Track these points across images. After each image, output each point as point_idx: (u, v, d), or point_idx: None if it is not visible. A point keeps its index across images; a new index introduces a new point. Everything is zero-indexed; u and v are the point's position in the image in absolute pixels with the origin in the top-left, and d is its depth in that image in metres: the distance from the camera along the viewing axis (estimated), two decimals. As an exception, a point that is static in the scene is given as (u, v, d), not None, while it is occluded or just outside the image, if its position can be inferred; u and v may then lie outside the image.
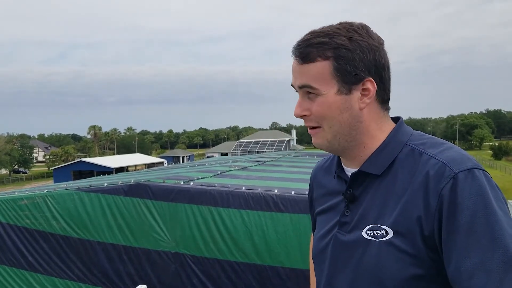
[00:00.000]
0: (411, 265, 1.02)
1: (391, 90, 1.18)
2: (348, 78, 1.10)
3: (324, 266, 1.22)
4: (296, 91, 1.18)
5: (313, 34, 1.12)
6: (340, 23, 1.13)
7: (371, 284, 1.08)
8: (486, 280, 0.92)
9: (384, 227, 1.06)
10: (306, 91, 1.14)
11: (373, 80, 1.11)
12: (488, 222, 0.95)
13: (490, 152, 71.90)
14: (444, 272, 1.00)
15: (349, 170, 1.20)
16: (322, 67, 1.10)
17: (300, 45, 1.12)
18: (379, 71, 1.12)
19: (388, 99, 1.18)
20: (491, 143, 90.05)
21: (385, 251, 1.05)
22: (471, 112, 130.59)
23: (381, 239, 1.06)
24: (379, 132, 1.17)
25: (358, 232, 1.12)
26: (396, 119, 1.22)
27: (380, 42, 1.14)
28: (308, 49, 1.11)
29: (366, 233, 1.10)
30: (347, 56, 1.09)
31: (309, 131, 1.18)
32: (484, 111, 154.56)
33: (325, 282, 1.21)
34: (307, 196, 1.50)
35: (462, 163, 1.01)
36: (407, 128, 1.19)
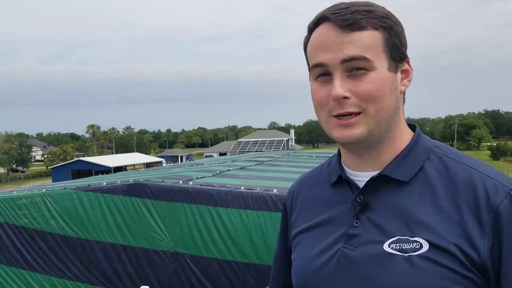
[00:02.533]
0: (452, 283, 0.87)
1: None
2: (396, 54, 0.96)
3: None
4: (324, 72, 0.97)
5: (350, 3, 0.96)
6: (378, 5, 0.98)
7: None
8: None
9: (416, 239, 0.90)
10: (352, 66, 0.93)
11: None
12: None
13: (488, 152, 72.03)
14: None
15: (358, 174, 1.04)
16: (374, 37, 0.93)
17: (342, 11, 0.94)
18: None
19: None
20: (489, 144, 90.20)
21: (420, 266, 0.88)
22: (469, 112, 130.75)
23: (413, 253, 0.89)
24: (405, 128, 1.03)
25: (376, 246, 0.94)
26: (410, 126, 1.08)
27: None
28: (355, 15, 0.93)
29: (389, 246, 0.92)
30: (396, 30, 0.96)
31: (344, 121, 0.95)
32: (482, 112, 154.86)
33: None
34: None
35: (509, 180, 0.92)
36: (427, 136, 1.06)
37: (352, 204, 1.00)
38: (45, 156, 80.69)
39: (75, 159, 56.75)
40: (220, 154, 56.44)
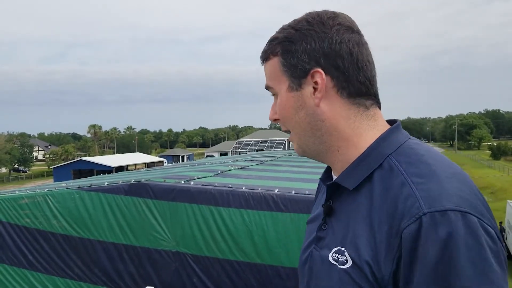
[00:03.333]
0: None
1: (369, 82, 0.99)
2: (294, 72, 0.99)
3: (303, 281, 1.11)
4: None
5: (276, 33, 1.05)
6: (309, 13, 1.02)
7: None
8: None
9: (346, 254, 0.93)
10: (271, 93, 1.07)
11: (322, 71, 0.96)
12: (448, 283, 0.77)
13: (489, 152, 71.82)
14: None
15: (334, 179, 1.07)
16: (273, 64, 1.03)
17: (265, 46, 1.06)
18: (333, 60, 0.96)
19: (363, 93, 0.99)
20: (489, 143, 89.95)
21: (343, 280, 0.92)
22: (469, 112, 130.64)
23: (342, 266, 0.93)
24: (354, 135, 1.00)
25: (326, 252, 0.99)
26: (392, 123, 1.05)
27: (336, 28, 0.97)
28: (265, 47, 1.05)
29: (331, 256, 0.96)
30: (290, 49, 0.99)
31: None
32: (482, 111, 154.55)
33: None
34: (312, 196, 1.40)
35: (439, 201, 0.81)
36: (399, 136, 1.00)
37: (323, 208, 1.05)
38: (47, 156, 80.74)
39: (77, 159, 56.74)
40: (221, 154, 56.40)
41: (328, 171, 1.12)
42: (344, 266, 0.92)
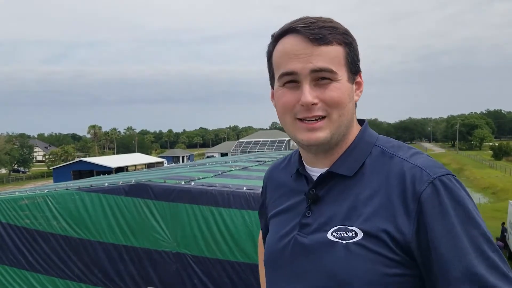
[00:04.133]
0: (382, 266, 0.99)
1: None
2: (353, 67, 1.08)
3: (280, 271, 1.14)
4: (291, 80, 1.06)
5: (316, 19, 1.05)
6: (320, 16, 1.08)
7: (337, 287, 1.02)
8: (471, 286, 0.94)
9: (353, 228, 1.02)
10: (319, 76, 1.03)
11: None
12: (471, 228, 0.96)
13: (490, 152, 71.83)
14: (416, 273, 1.01)
15: (312, 170, 1.15)
16: (338, 52, 1.05)
17: (311, 26, 1.03)
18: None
19: None
20: (491, 143, 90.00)
21: (355, 252, 1.01)
22: (471, 112, 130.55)
23: (349, 241, 1.02)
24: (354, 129, 1.15)
25: (322, 234, 1.06)
26: (360, 121, 1.19)
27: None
28: (323, 30, 1.03)
29: (331, 234, 1.04)
30: (354, 45, 1.08)
31: (310, 125, 1.05)
32: (484, 111, 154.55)
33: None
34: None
35: (437, 169, 1.01)
36: (372, 131, 1.18)
37: (306, 196, 1.12)
38: (47, 156, 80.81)
39: (77, 159, 56.85)
40: (222, 155, 56.44)
41: (301, 163, 1.19)
42: (353, 240, 1.01)
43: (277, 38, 1.10)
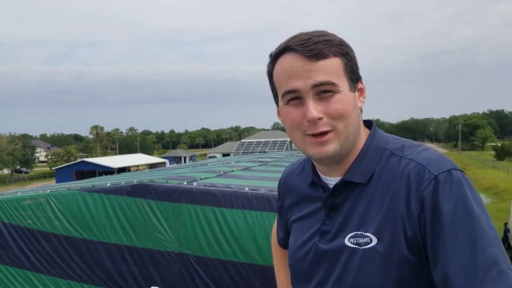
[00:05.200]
0: (395, 271, 1.02)
1: None
2: (353, 76, 1.10)
3: (305, 276, 1.19)
4: (295, 97, 1.08)
5: (311, 34, 1.07)
6: (315, 31, 1.11)
7: None
8: (468, 283, 0.94)
9: (368, 234, 1.06)
10: (321, 90, 1.06)
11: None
12: (469, 224, 0.97)
13: (493, 152, 71.68)
14: (427, 276, 1.02)
15: (327, 179, 1.18)
16: (336, 64, 1.07)
17: (306, 42, 1.05)
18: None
19: None
20: (493, 144, 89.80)
21: (369, 258, 1.05)
22: (473, 113, 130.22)
23: (365, 247, 1.06)
24: (362, 135, 1.16)
25: (340, 240, 1.10)
26: (367, 123, 1.21)
27: None
28: (318, 45, 1.05)
29: (349, 241, 1.09)
30: (351, 54, 1.10)
31: (317, 139, 1.07)
32: (486, 111, 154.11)
33: None
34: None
35: (440, 165, 1.02)
36: (381, 132, 1.19)
37: (324, 205, 1.16)
38: (49, 157, 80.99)
39: (79, 160, 56.95)
40: (224, 155, 56.42)
41: (315, 173, 1.21)
42: (368, 246, 1.05)
43: (275, 57, 1.12)
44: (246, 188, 4.09)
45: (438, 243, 0.98)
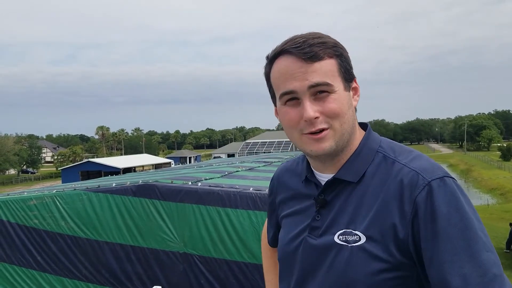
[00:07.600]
0: (383, 270, 1.05)
1: None
2: (347, 76, 1.14)
3: (293, 269, 1.22)
4: (292, 98, 1.12)
5: (306, 37, 1.11)
6: (310, 33, 1.14)
7: None
8: (464, 286, 0.96)
9: (357, 232, 1.09)
10: (317, 90, 1.09)
11: None
12: (462, 228, 0.99)
13: (499, 153, 71.24)
14: (417, 277, 1.06)
15: (321, 175, 1.21)
16: (331, 65, 1.10)
17: (301, 45, 1.09)
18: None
19: None
20: (499, 144, 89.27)
21: (357, 255, 1.08)
22: (479, 113, 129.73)
23: (353, 244, 1.09)
24: (357, 134, 1.20)
25: (329, 237, 1.13)
26: (362, 125, 1.24)
27: None
28: (313, 48, 1.09)
29: (338, 237, 1.12)
30: (344, 55, 1.14)
31: (314, 136, 1.11)
32: (492, 112, 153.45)
33: (294, 286, 1.22)
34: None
35: (434, 172, 1.05)
36: (376, 135, 1.22)
37: (315, 201, 1.19)
38: (55, 157, 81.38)
39: (85, 160, 57.13)
40: (228, 155, 56.47)
41: (309, 169, 1.25)
42: (357, 243, 1.08)
43: (271, 60, 1.16)
44: (251, 189, 4.09)
45: (433, 247, 1.00)
